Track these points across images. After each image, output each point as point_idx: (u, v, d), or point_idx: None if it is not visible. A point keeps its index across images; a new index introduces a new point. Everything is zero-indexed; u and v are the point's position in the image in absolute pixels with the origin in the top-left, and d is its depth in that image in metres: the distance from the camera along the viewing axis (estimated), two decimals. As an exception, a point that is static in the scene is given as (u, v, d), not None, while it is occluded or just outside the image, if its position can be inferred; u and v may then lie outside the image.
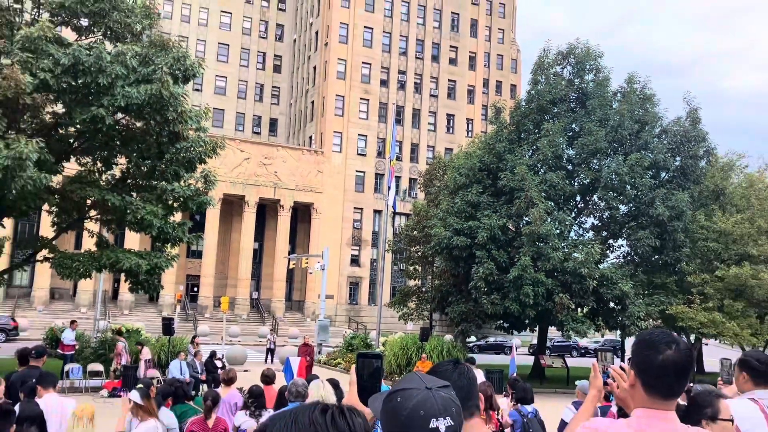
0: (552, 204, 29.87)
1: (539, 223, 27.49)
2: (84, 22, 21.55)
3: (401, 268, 51.38)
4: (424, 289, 41.65)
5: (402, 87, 71.31)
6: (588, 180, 31.37)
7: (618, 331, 34.22)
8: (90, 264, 21.05)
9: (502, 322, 32.52)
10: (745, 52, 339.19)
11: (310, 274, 58.10)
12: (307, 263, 45.52)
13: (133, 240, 48.18)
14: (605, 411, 8.64)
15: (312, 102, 71.32)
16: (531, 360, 35.32)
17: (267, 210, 65.99)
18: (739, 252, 30.63)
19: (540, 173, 30.35)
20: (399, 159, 67.05)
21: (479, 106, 75.91)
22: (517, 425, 9.20)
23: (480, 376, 15.50)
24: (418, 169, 67.43)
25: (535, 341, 37.81)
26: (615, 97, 32.87)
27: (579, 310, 30.01)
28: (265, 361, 33.35)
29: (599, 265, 29.27)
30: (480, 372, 17.17)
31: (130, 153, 21.89)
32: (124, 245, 42.97)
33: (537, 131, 31.98)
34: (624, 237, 32.30)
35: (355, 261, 67.63)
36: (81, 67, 18.28)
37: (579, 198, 33.17)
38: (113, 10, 20.49)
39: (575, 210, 33.01)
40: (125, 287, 38.24)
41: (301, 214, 67.13)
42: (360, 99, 68.72)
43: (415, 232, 40.85)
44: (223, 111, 73.51)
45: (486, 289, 28.50)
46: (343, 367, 31.58)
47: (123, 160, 22.89)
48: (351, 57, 68.45)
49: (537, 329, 34.55)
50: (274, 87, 77.81)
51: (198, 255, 62.91)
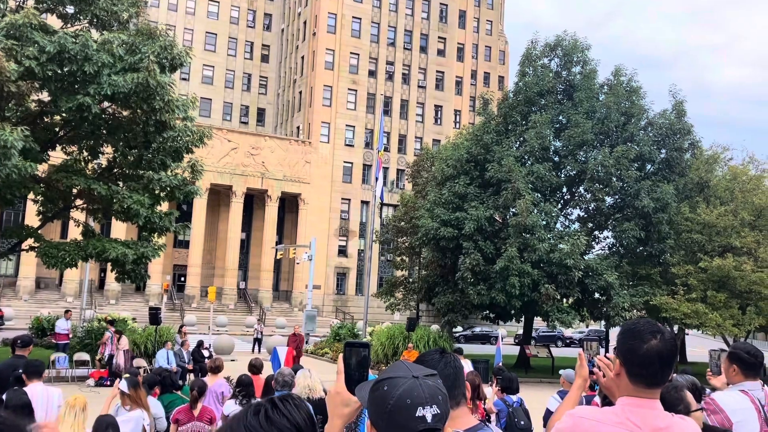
0: (538, 195, 30.04)
1: (526, 215, 27.65)
2: (70, 9, 21.36)
3: (388, 258, 51.47)
4: (411, 280, 41.80)
5: (390, 78, 71.17)
6: (574, 172, 31.55)
7: (603, 322, 34.57)
8: (76, 253, 20.95)
9: (488, 312, 32.73)
10: (730, 46, 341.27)
11: (297, 264, 58.05)
12: (295, 253, 45.49)
13: (120, 229, 47.94)
14: (589, 400, 8.77)
15: (300, 92, 71.04)
16: (516, 350, 35.59)
17: (254, 200, 65.81)
18: (723, 244, 30.94)
19: (527, 165, 30.48)
20: (387, 150, 67.02)
21: (467, 97, 75.98)
22: (502, 414, 9.32)
23: (468, 366, 15.64)
24: (405, 160, 67.43)
25: (521, 331, 38.07)
26: (602, 90, 33.02)
27: (564, 300, 30.25)
28: (252, 351, 33.39)
29: (585, 257, 29.51)
30: (467, 362, 17.31)
31: (116, 142, 21.75)
32: (110, 235, 42.78)
33: (524, 123, 32.08)
34: (609, 228, 32.55)
35: (343, 251, 67.66)
36: (67, 55, 18.13)
37: (565, 189, 33.36)
38: (99, -3, 20.32)
39: (561, 201, 33.21)
40: (112, 277, 38.12)
41: (289, 204, 67.01)
42: (348, 89, 68.54)
43: (403, 222, 40.94)
44: (211, 100, 73.06)
45: (472, 280, 28.66)
46: (330, 357, 31.69)
47: (109, 149, 22.75)
48: (339, 47, 68.20)
49: (523, 320, 34.78)
50: (261, 77, 77.40)
51: (185, 245, 62.68)
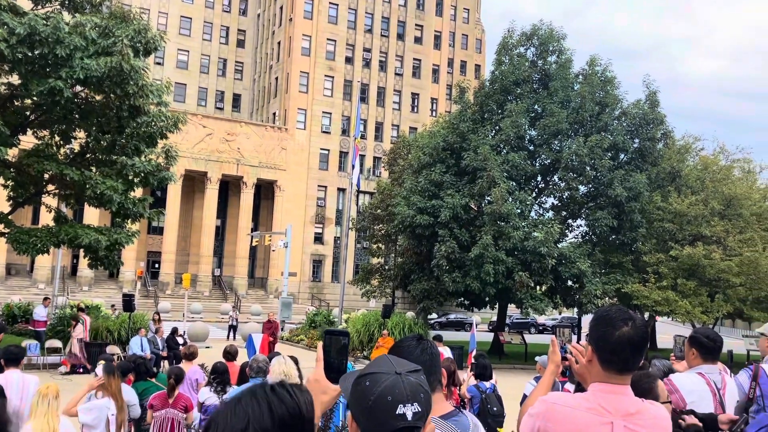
0: (513, 184, 30.25)
1: (501, 203, 27.84)
2: (40, -10, 20.92)
3: (364, 246, 51.55)
4: (386, 267, 41.89)
5: (367, 65, 70.89)
6: (549, 161, 31.81)
7: (575, 309, 35.04)
8: (48, 239, 20.67)
9: (463, 299, 32.98)
10: (703, 38, 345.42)
11: (273, 251, 57.82)
12: (270, 240, 45.28)
13: (93, 215, 47.33)
14: (561, 386, 8.92)
15: (276, 78, 70.47)
16: (491, 336, 35.94)
17: (230, 186, 65.33)
18: (693, 233, 31.49)
19: (502, 153, 30.66)
20: (363, 137, 66.86)
21: (444, 85, 76.00)
22: (476, 400, 9.44)
23: (447, 353, 15.77)
24: (382, 148, 67.39)
25: (495, 318, 38.41)
26: (577, 79, 33.27)
27: (538, 288, 30.60)
28: (227, 338, 33.30)
29: (558, 245, 29.82)
30: (446, 349, 17.46)
31: (89, 127, 21.43)
32: (83, 220, 42.17)
33: (500, 112, 32.23)
34: (583, 217, 32.93)
35: (319, 239, 67.56)
36: (37, 38, 17.78)
37: (540, 178, 33.64)
38: (71, -21, 19.95)
39: (536, 190, 33.49)
40: (84, 263, 37.65)
41: (265, 191, 66.64)
42: (325, 76, 68.14)
43: (379, 210, 40.96)
44: (185, 86, 72.13)
45: (448, 267, 28.84)
46: (306, 344, 31.73)
47: (82, 133, 22.41)
48: (316, 33, 67.70)
49: (497, 307, 35.12)
50: (237, 62, 76.58)
51: (159, 231, 62.10)
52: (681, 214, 31.32)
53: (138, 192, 24.27)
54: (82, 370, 20.28)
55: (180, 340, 21.37)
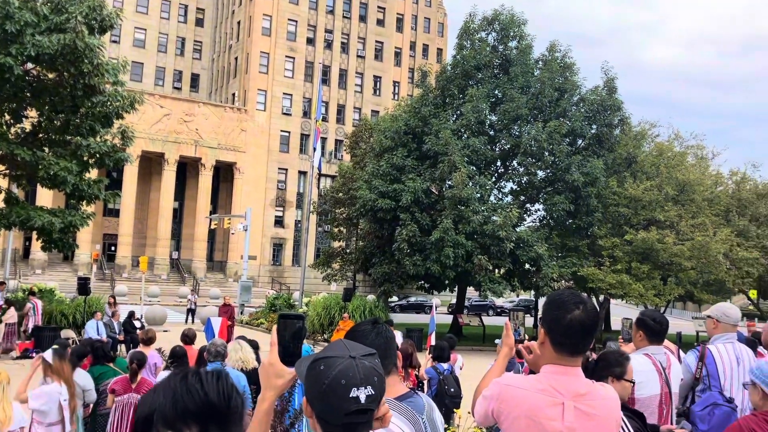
0: (474, 168, 30.49)
1: (461, 187, 28.06)
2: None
3: (326, 229, 51.44)
4: (348, 251, 41.91)
5: (329, 46, 70.31)
6: (509, 146, 32.12)
7: (532, 292, 35.63)
8: (-2, 221, 20.12)
9: (423, 282, 33.24)
10: (661, 25, 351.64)
11: (232, 234, 57.33)
12: (230, 223, 44.86)
13: (46, 197, 46.11)
14: (520, 368, 9.11)
15: (236, 58, 69.38)
16: (450, 319, 36.37)
17: (188, 168, 64.33)
18: (647, 217, 32.21)
19: (463, 138, 30.84)
20: (325, 120, 66.45)
21: (406, 68, 75.86)
22: (433, 381, 9.58)
23: (398, 337, 15.92)
24: (344, 131, 67.09)
25: (455, 301, 38.85)
26: (537, 65, 33.56)
27: (496, 271, 31.02)
28: (186, 322, 32.98)
29: (516, 229, 30.24)
30: (398, 333, 17.62)
31: (41, 106, 20.84)
32: (35, 202, 41.09)
33: (461, 96, 32.37)
34: (541, 201, 33.38)
35: (279, 222, 67.13)
36: (-14, 13, 17.19)
37: (499, 163, 33.96)
38: (21, -48, 19.25)
39: (496, 175, 33.82)
40: (38, 246, 36.69)
41: (224, 173, 65.81)
42: (285, 57, 67.37)
43: (341, 194, 40.85)
44: (142, 65, 70.52)
45: (408, 251, 29.01)
46: (266, 327, 31.64)
47: (34, 113, 21.78)
48: (276, 13, 66.78)
49: (456, 289, 35.51)
50: (196, 41, 75.11)
51: (116, 213, 60.88)
52: (636, 199, 31.98)
53: (93, 173, 23.74)
54: (34, 354, 19.88)
55: (137, 323, 21.10)
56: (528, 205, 34.44)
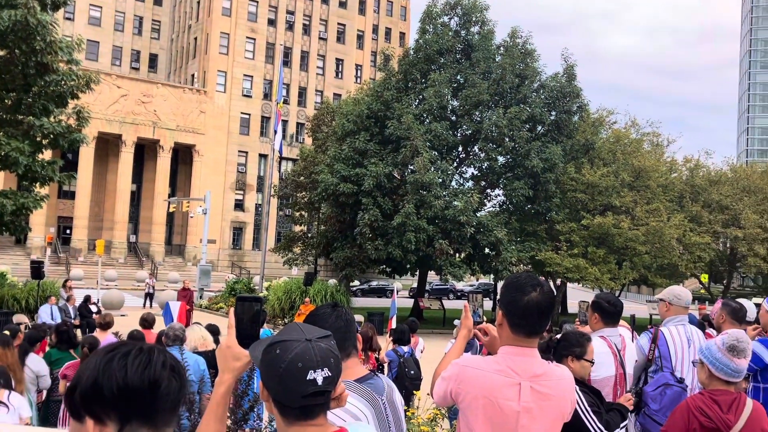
0: (436, 154, 30.62)
1: (423, 172, 28.17)
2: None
3: (287, 213, 51.15)
4: (309, 235, 41.79)
5: (290, 28, 69.49)
6: (470, 131, 32.31)
7: (492, 276, 36.09)
8: (-54, 203, 19.48)
9: (385, 266, 33.37)
10: (620, 14, 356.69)
11: (191, 217, 56.50)
12: (189, 207, 44.26)
13: (-4, 178, 44.77)
14: (480, 349, 9.23)
15: (195, 38, 68.07)
16: (411, 302, 36.62)
17: (146, 150, 63.12)
18: (604, 203, 32.80)
19: (425, 123, 30.91)
20: (286, 102, 65.80)
21: (368, 52, 75.47)
22: (394, 364, 9.68)
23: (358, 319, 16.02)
24: (305, 114, 66.55)
25: (416, 285, 39.12)
26: (498, 51, 33.73)
27: (457, 255, 31.32)
28: (144, 306, 32.53)
29: (477, 213, 30.52)
30: (360, 317, 17.71)
31: (-9, 84, 20.19)
32: (-15, 184, 39.88)
33: (424, 81, 32.40)
34: (501, 187, 33.71)
35: (239, 206, 66.48)
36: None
37: (461, 148, 34.16)
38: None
39: (457, 160, 34.02)
40: (-12, 229, 35.69)
41: (183, 155, 64.75)
42: (246, 38, 66.38)
43: (302, 177, 40.61)
44: (98, 43, 68.63)
45: (370, 235, 29.06)
46: (225, 312, 31.39)
47: (-17, 91, 21.09)
48: (237, -7, 65.69)
49: (417, 274, 35.75)
50: (154, 20, 73.39)
51: (71, 196, 59.47)
52: (593, 185, 32.54)
53: (47, 154, 23.14)
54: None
55: (93, 308, 20.73)
56: (488, 191, 34.77)
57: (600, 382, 4.86)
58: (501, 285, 3.24)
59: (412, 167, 29.60)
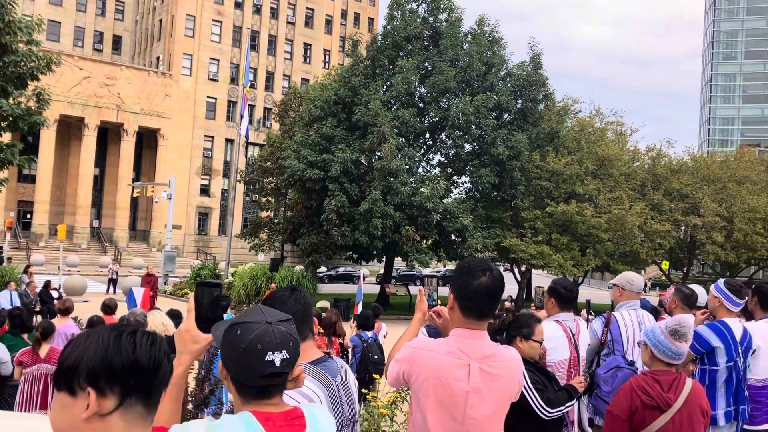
0: (403, 140, 30.68)
1: (390, 159, 28.22)
2: None
3: (253, 199, 50.71)
4: (276, 221, 41.58)
5: (258, 11, 68.66)
6: (437, 118, 32.42)
7: (458, 262, 36.36)
8: None
9: (351, 253, 33.42)
10: (588, 3, 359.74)
11: (156, 203, 55.75)
12: (153, 192, 43.62)
13: (-47, 161, 43.60)
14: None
15: (160, 20, 66.86)
16: (378, 288, 36.80)
17: (109, 134, 61.99)
18: (568, 191, 33.28)
19: (393, 109, 30.93)
20: (253, 87, 65.14)
21: (337, 37, 75.04)
22: (358, 349, 9.80)
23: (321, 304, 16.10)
24: (273, 99, 66.00)
25: (383, 271, 39.28)
26: (466, 39, 33.82)
27: (423, 242, 31.52)
28: (107, 292, 32.12)
29: (443, 200, 30.70)
30: (326, 303, 17.79)
31: (-54, 64, 19.64)
32: (-59, 167, 38.80)
33: (392, 67, 32.38)
34: (467, 174, 33.94)
35: (205, 191, 65.81)
36: None
37: (428, 135, 34.27)
38: None
39: (424, 147, 34.14)
40: (-56, 213, 34.87)
41: (147, 139, 63.76)
42: (213, 21, 65.43)
43: (269, 163, 40.34)
44: (60, 24, 66.99)
45: (337, 221, 29.07)
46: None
47: (-61, 71, 20.51)
48: (204, -25, 64.63)
49: (384, 260, 35.90)
50: (118, 1, 71.82)
51: (32, 180, 58.21)
52: (557, 173, 32.97)
53: (6, 137, 22.65)
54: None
55: (54, 294, 20.46)
56: (455, 178, 34.98)
57: (555, 365, 5.04)
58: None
59: (379, 154, 29.63)
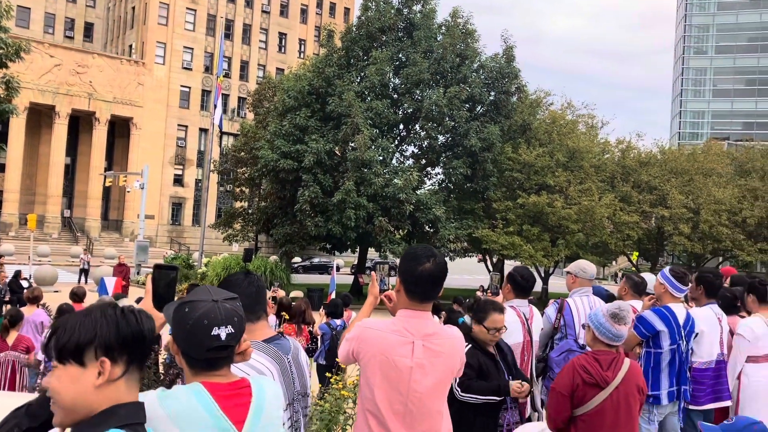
0: (377, 131, 30.83)
1: (363, 150, 28.37)
2: None
3: (227, 189, 50.57)
4: (250, 211, 41.54)
5: (232, 0, 68.11)
6: (411, 110, 32.62)
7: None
8: None
9: (325, 243, 33.57)
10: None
11: (128, 192, 55.27)
12: (126, 181, 43.22)
13: None
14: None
15: (133, 7, 66.01)
16: (351, 279, 37.01)
17: (81, 123, 61.16)
18: (539, 182, 33.73)
19: (367, 101, 31.05)
20: (227, 76, 64.73)
21: (312, 27, 74.72)
22: (327, 336, 10.00)
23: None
24: (247, 88, 65.60)
25: (356, 262, 39.48)
26: (440, 30, 34.01)
27: (396, 232, 31.76)
28: (79, 282, 31.87)
29: (416, 191, 30.97)
30: (299, 292, 17.96)
31: None
32: None
33: (366, 58, 32.47)
34: (440, 165, 34.22)
35: (179, 181, 65.33)
36: None
37: (402, 127, 34.48)
38: None
39: (398, 138, 34.34)
40: None
41: (120, 128, 63.03)
42: (186, 9, 64.77)
43: (243, 153, 40.24)
44: (30, 10, 65.77)
45: (311, 212, 29.18)
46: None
47: None
48: (177, -38, 63.89)
49: (358, 250, 36.10)
50: (89, -13, 70.78)
51: (1, 168, 57.32)
52: (529, 164, 33.38)
53: (-27, 125, 22.42)
54: None
55: (25, 283, 20.29)
56: (428, 169, 35.24)
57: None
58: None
59: (352, 144, 29.76)
